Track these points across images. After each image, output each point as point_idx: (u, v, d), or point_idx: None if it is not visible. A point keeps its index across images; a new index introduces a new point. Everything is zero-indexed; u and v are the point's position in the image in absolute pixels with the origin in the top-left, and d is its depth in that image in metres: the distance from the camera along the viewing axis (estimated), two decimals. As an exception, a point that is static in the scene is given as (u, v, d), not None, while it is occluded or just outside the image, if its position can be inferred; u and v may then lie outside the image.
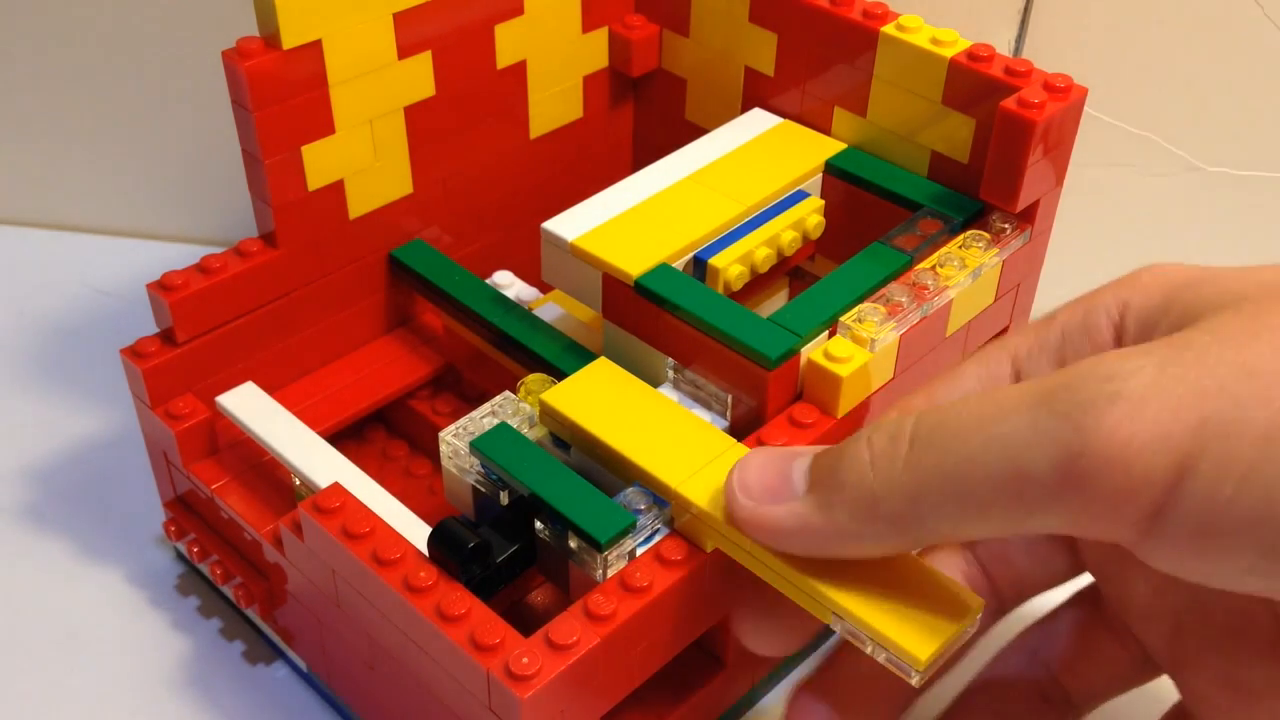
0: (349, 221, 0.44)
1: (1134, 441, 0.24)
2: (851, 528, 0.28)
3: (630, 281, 0.40)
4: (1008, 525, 0.26)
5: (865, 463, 0.28)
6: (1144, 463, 0.24)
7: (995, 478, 0.26)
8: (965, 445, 0.26)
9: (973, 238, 0.40)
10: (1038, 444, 0.25)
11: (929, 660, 0.29)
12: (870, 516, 0.28)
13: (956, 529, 0.27)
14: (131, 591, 0.45)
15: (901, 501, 0.27)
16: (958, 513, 0.27)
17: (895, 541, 0.28)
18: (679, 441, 0.36)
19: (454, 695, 0.33)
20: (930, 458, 0.27)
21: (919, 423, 0.28)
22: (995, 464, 0.26)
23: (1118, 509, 0.24)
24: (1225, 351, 0.24)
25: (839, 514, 0.29)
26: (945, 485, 0.26)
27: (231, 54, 0.39)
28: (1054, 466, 0.25)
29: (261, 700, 0.42)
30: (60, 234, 0.62)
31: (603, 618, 0.32)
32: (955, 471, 0.26)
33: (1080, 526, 0.25)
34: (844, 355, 0.37)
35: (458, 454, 0.37)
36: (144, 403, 0.42)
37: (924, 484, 0.27)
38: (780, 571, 0.31)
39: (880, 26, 0.42)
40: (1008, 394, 0.26)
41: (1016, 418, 0.25)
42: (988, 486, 0.26)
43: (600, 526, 0.34)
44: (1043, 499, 0.25)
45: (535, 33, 0.47)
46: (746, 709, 0.42)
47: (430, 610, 0.32)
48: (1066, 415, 0.25)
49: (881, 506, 0.28)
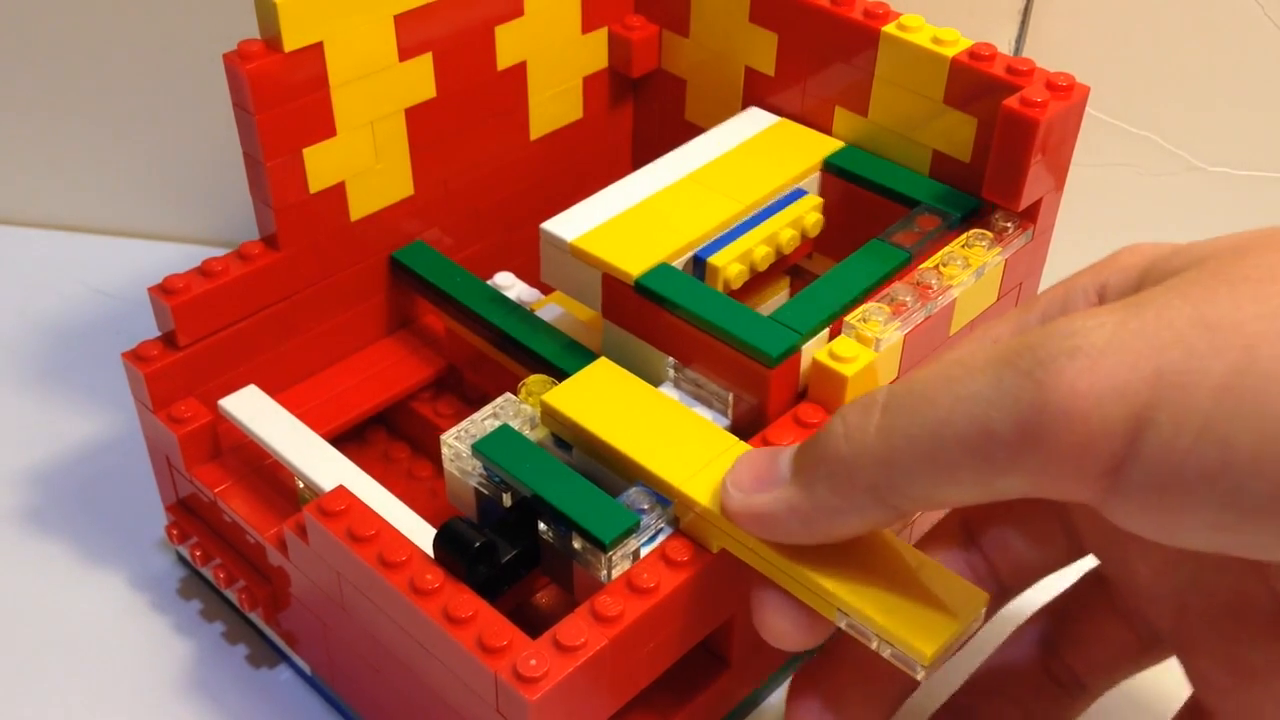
0: (350, 223, 0.44)
1: (1090, 394, 0.24)
2: (833, 502, 0.28)
3: (630, 281, 0.40)
4: (979, 487, 0.26)
5: (840, 436, 0.28)
6: (1101, 415, 0.24)
7: (962, 438, 0.26)
8: (934, 408, 0.26)
9: (976, 236, 0.40)
10: (1001, 402, 0.25)
11: (934, 656, 0.29)
12: (849, 488, 0.28)
13: (931, 494, 0.27)
14: (133, 595, 0.45)
15: (876, 469, 0.27)
16: (930, 476, 0.27)
17: (877, 513, 0.28)
18: (681, 440, 0.36)
19: (461, 698, 0.33)
20: (901, 422, 0.27)
21: (890, 391, 0.28)
22: (961, 424, 0.26)
23: (1079, 464, 0.24)
24: (1184, 306, 0.24)
25: (819, 490, 0.29)
26: (916, 449, 0.26)
27: (233, 56, 0.39)
28: (1015, 424, 0.25)
29: (265, 704, 0.42)
30: (60, 234, 0.62)
31: (610, 619, 0.32)
32: (925, 434, 0.26)
33: (1046, 485, 0.25)
34: (849, 355, 0.37)
35: (460, 456, 0.37)
36: (146, 406, 0.42)
37: (896, 449, 0.27)
38: (785, 568, 0.31)
39: (881, 26, 0.42)
40: (975, 356, 0.26)
41: (982, 377, 0.25)
42: (956, 448, 0.26)
43: (604, 527, 0.33)
44: (1008, 458, 0.25)
45: (535, 34, 0.47)
46: (751, 709, 0.42)
47: (437, 612, 0.32)
48: (1028, 372, 0.25)
49: (858, 477, 0.28)
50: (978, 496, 0.27)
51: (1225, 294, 0.24)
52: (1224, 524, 0.24)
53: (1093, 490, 0.25)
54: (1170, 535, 0.25)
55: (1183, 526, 0.25)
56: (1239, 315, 0.24)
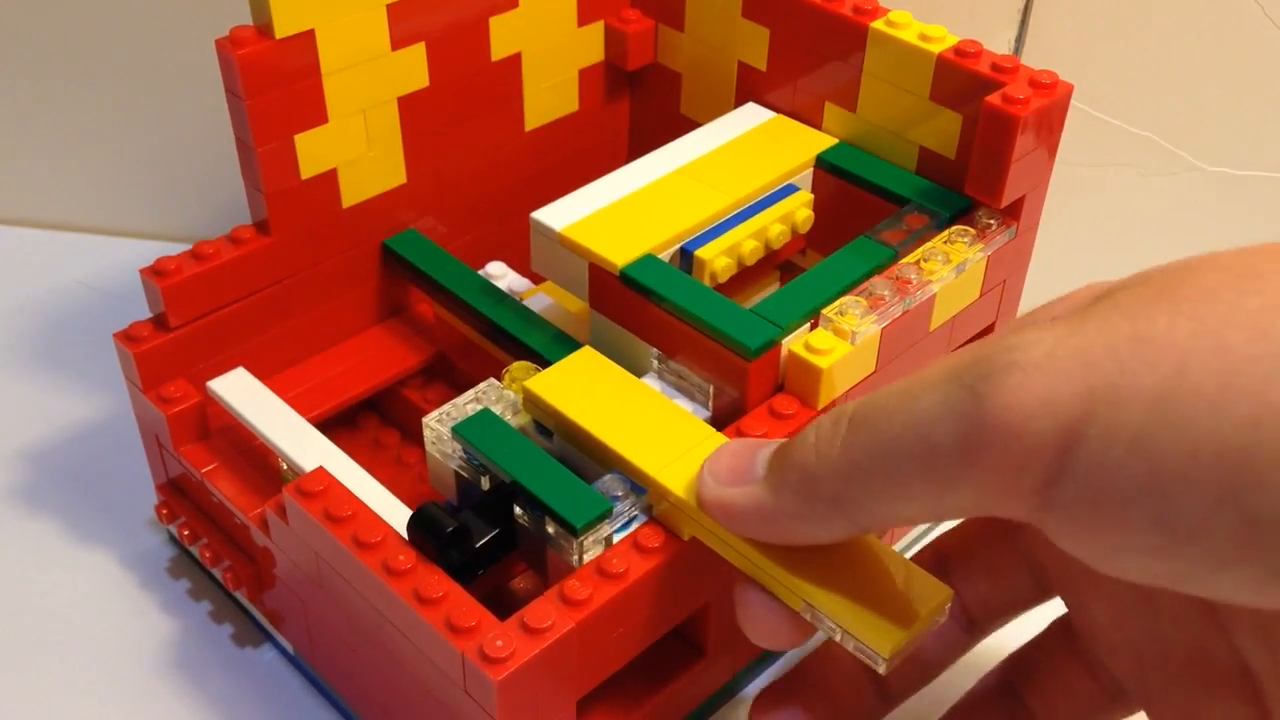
0: (342, 210, 0.45)
1: (1024, 408, 0.24)
2: (796, 508, 0.29)
3: (615, 271, 0.40)
4: (929, 504, 0.26)
5: (810, 445, 0.29)
6: (1035, 429, 0.24)
7: (912, 454, 0.26)
8: (890, 423, 0.26)
9: (958, 233, 0.40)
10: (945, 417, 0.25)
11: (894, 651, 0.30)
12: (811, 497, 0.28)
13: (889, 510, 0.27)
14: (123, 573, 0.46)
15: (837, 482, 0.28)
16: (886, 492, 0.27)
17: (838, 523, 0.29)
18: (658, 430, 0.36)
19: (431, 677, 0.33)
20: (862, 437, 0.27)
21: (857, 405, 0.28)
22: (911, 440, 0.26)
23: (1015, 479, 0.24)
24: (1123, 322, 0.24)
25: (785, 495, 0.29)
26: (873, 464, 0.27)
27: (225, 42, 0.40)
28: (956, 439, 0.25)
29: (248, 683, 0.42)
30: (53, 233, 0.62)
31: (578, 603, 0.32)
32: (881, 450, 0.27)
33: (988, 502, 0.25)
34: (825, 347, 0.37)
35: (440, 439, 0.37)
36: (136, 386, 0.42)
37: (855, 463, 0.27)
38: (753, 559, 0.31)
39: (870, 22, 0.43)
40: (930, 370, 0.26)
41: (932, 393, 0.26)
42: (908, 463, 0.26)
43: (576, 512, 0.34)
44: (951, 473, 0.25)
45: (530, 25, 0.47)
46: (727, 698, 0.42)
47: (408, 593, 0.33)
48: (969, 386, 0.25)
49: (820, 487, 0.28)
50: (932, 514, 0.27)
51: (1164, 311, 0.24)
52: (1156, 547, 0.24)
53: (1030, 505, 0.25)
54: (1107, 560, 0.25)
55: (1117, 550, 0.24)
56: (1174, 333, 0.23)
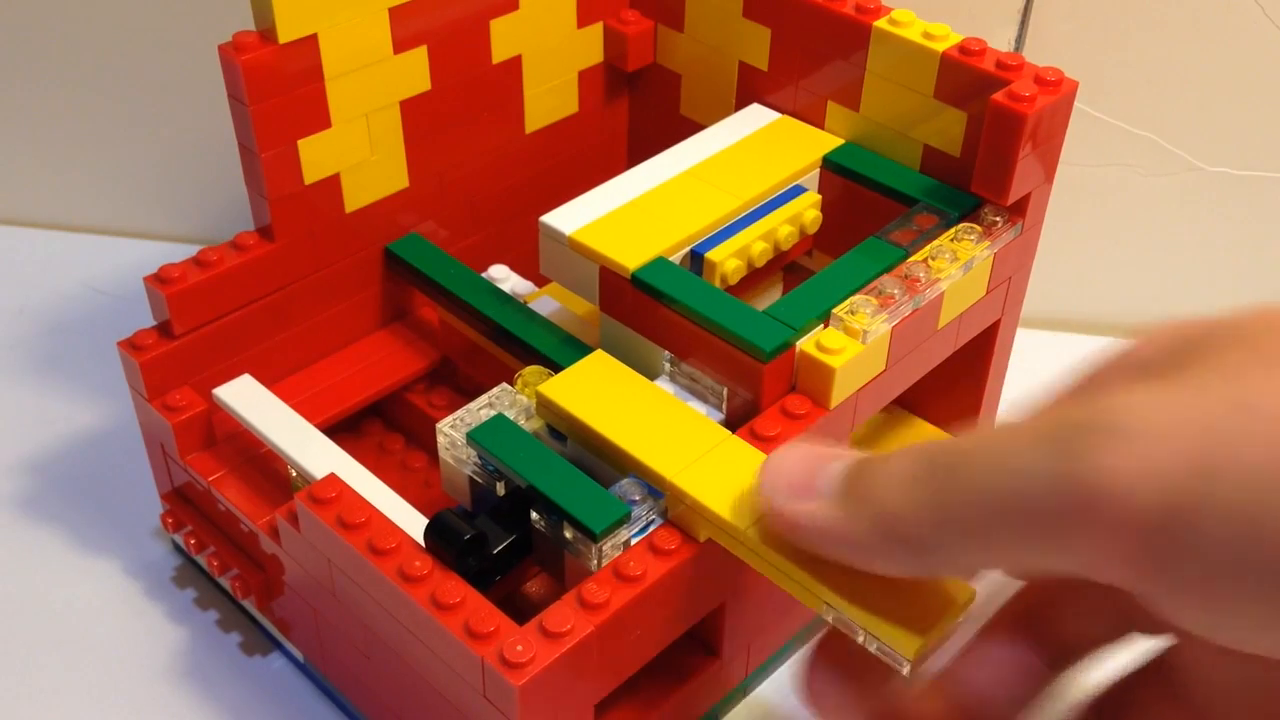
0: (345, 215, 0.45)
1: (1127, 478, 0.23)
2: (869, 542, 0.28)
3: (627, 275, 0.40)
4: (1015, 562, 0.26)
5: (895, 484, 0.28)
6: (1137, 502, 0.23)
7: (1006, 512, 0.25)
8: (981, 477, 0.26)
9: (964, 230, 0.40)
10: (1041, 478, 0.25)
11: (919, 653, 0.29)
12: (889, 535, 0.28)
13: (969, 560, 0.27)
14: (128, 583, 0.45)
15: (920, 527, 0.27)
16: (972, 544, 0.26)
17: (909, 564, 0.28)
18: (674, 433, 0.36)
19: (449, 684, 0.33)
20: (951, 486, 0.26)
21: (942, 450, 0.27)
22: (1005, 496, 0.25)
23: (1111, 548, 0.24)
24: (1222, 386, 0.24)
25: (861, 526, 0.28)
26: (961, 516, 0.26)
27: (228, 48, 0.39)
28: (1054, 502, 0.24)
29: (258, 691, 0.42)
30: (56, 233, 0.62)
31: (596, 606, 0.32)
32: (971, 502, 0.26)
33: (1077, 567, 0.25)
34: (836, 347, 0.37)
35: (455, 445, 0.37)
36: (141, 395, 0.42)
37: (943, 513, 0.27)
38: (773, 561, 0.31)
39: (873, 21, 0.43)
40: (1022, 426, 0.26)
41: (1027, 451, 0.25)
42: (999, 520, 0.25)
43: (595, 517, 0.34)
44: (1045, 535, 0.25)
45: (530, 28, 0.47)
46: (740, 698, 0.42)
47: (425, 599, 0.32)
48: (1067, 450, 0.24)
49: (901, 528, 0.27)
50: (1016, 570, 0.27)
51: (1261, 375, 0.24)
52: (1264, 623, 0.23)
53: (1125, 575, 0.24)
54: (1209, 631, 0.24)
55: (1220, 625, 0.24)
56: (1275, 399, 0.23)
